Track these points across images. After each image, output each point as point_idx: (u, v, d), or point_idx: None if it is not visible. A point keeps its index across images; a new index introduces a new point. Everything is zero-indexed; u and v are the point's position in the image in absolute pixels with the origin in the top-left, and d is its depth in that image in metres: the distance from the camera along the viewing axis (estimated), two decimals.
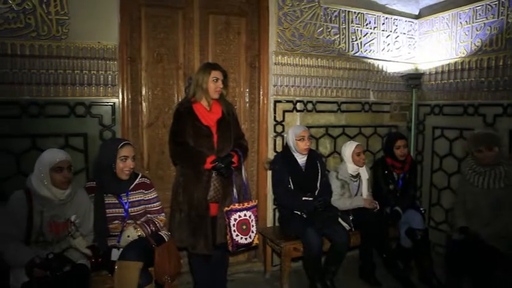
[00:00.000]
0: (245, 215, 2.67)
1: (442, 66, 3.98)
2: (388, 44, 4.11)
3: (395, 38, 4.14)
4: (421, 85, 4.22)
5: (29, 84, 2.80)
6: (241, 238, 2.66)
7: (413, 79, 4.15)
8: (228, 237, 2.65)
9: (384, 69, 4.12)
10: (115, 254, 2.43)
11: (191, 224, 2.71)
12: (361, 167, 3.53)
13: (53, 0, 2.80)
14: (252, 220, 2.70)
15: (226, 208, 2.64)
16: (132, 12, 3.12)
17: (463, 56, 3.73)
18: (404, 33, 4.19)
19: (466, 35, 3.69)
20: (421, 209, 3.58)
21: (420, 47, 4.25)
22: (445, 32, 3.91)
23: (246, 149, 2.99)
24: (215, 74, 2.74)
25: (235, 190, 2.71)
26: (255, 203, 2.76)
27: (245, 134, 3.46)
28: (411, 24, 4.23)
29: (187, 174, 2.75)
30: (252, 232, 2.70)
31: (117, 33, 3.02)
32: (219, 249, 2.78)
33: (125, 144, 2.54)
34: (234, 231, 2.64)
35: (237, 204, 2.66)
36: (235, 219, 2.64)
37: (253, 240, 2.71)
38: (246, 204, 2.69)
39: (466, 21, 3.68)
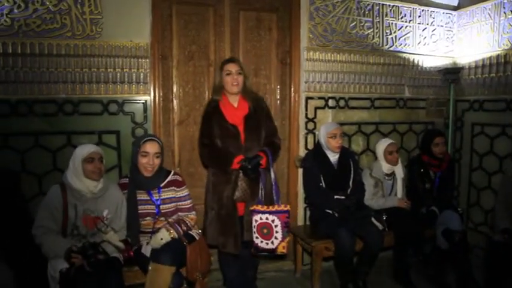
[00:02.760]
0: (267, 219, 2.55)
1: (483, 59, 3.78)
2: (425, 38, 3.95)
3: (432, 31, 3.98)
4: (460, 80, 4.03)
5: (64, 83, 2.87)
6: (262, 242, 2.57)
7: (451, 73, 3.97)
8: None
9: (420, 63, 3.97)
10: (146, 250, 2.46)
11: (220, 222, 2.71)
12: (395, 165, 3.42)
13: (87, 0, 2.85)
14: (276, 226, 2.54)
15: (251, 207, 2.59)
16: (163, 10, 3.13)
17: (507, 48, 3.53)
18: (441, 26, 4.02)
19: (511, 25, 3.48)
20: (459, 209, 3.45)
21: (459, 39, 4.06)
22: (487, 23, 3.71)
23: (278, 148, 2.92)
24: (227, 67, 2.70)
25: (261, 191, 2.63)
26: (285, 209, 2.57)
27: None
28: (449, 16, 4.04)
29: (217, 174, 2.75)
30: (276, 238, 2.54)
31: (149, 32, 3.04)
32: (248, 248, 2.76)
33: (147, 140, 2.55)
34: (254, 232, 2.58)
35: (260, 206, 2.57)
36: (256, 221, 2.56)
37: (276, 248, 2.56)
38: (270, 208, 2.55)
39: (511, 10, 3.47)
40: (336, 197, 3.09)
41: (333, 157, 3.19)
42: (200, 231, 2.73)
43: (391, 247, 3.29)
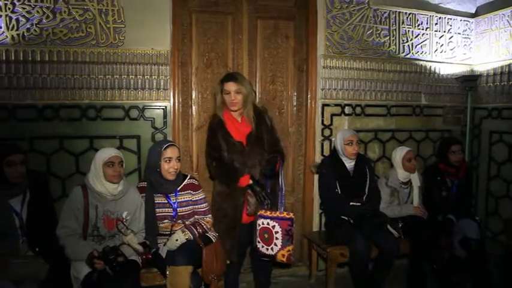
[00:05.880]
0: (268, 224, 2.57)
1: (502, 67, 3.76)
2: (442, 45, 3.95)
3: (449, 38, 3.97)
4: (477, 87, 4.01)
5: (88, 89, 2.98)
6: (262, 247, 2.61)
7: (469, 81, 3.95)
8: None
9: (437, 71, 3.96)
10: (162, 251, 2.52)
11: (221, 228, 2.74)
12: (412, 173, 3.40)
13: (111, 10, 2.96)
14: (276, 232, 2.55)
15: (258, 213, 2.63)
16: (183, 18, 3.23)
17: None
18: (459, 33, 4.01)
19: None
20: (477, 217, 3.41)
21: (476, 47, 4.04)
22: (506, 31, 3.69)
23: (283, 156, 2.85)
24: (226, 86, 2.66)
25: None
26: (288, 216, 2.57)
27: (292, 137, 3.53)
28: (467, 24, 4.03)
29: (221, 188, 2.77)
30: (275, 245, 2.56)
31: (169, 39, 3.13)
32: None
33: (169, 145, 2.60)
34: (257, 236, 2.62)
35: (264, 211, 2.61)
36: (259, 225, 2.61)
37: (275, 255, 2.57)
38: (273, 214, 2.58)
39: None
40: (351, 203, 3.09)
41: (349, 164, 3.21)
42: (217, 234, 2.77)
43: (406, 255, 3.28)
